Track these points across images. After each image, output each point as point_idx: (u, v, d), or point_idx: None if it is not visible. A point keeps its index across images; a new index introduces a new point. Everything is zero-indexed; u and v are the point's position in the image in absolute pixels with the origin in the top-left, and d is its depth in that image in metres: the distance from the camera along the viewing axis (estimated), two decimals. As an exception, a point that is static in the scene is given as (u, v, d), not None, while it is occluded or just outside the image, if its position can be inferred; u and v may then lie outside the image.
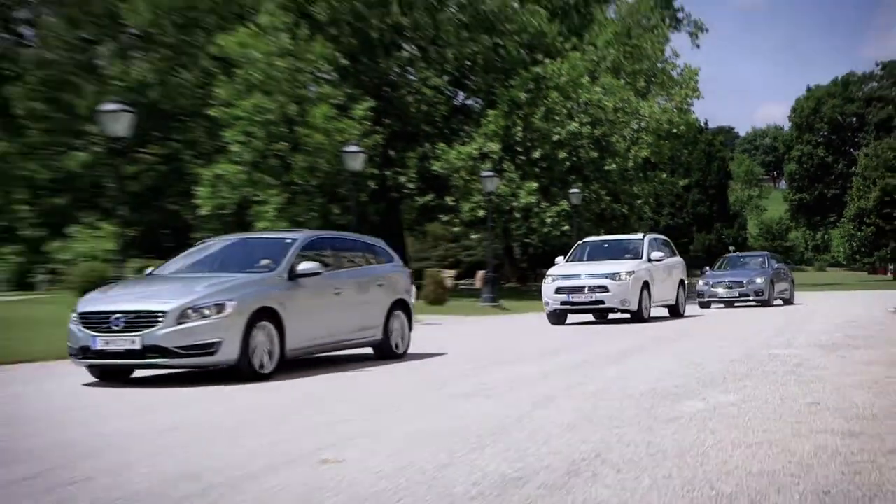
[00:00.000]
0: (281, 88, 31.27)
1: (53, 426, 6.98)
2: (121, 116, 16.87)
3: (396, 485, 4.37)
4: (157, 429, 6.61)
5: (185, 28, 34.25)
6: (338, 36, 34.25)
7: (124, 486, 4.42)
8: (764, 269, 26.29)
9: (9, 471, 4.62)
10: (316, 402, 8.19)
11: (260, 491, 4.26)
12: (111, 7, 33.65)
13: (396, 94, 36.54)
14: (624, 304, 16.86)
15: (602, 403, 7.47)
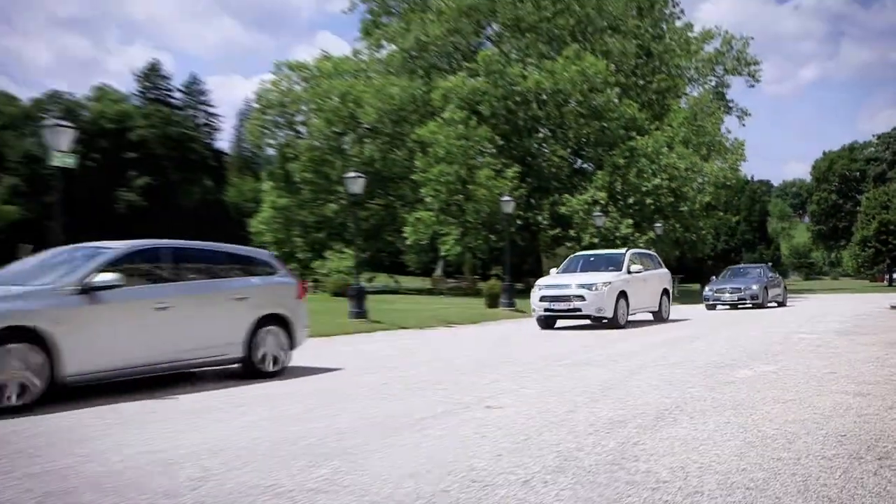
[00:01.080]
0: (458, 160, 39.10)
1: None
2: (357, 181, 22.30)
3: (539, 423, 5.99)
4: (369, 384, 8.95)
5: (398, 123, 43.38)
6: (496, 124, 41.88)
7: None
8: (759, 278, 29.10)
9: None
10: (476, 369, 9.66)
11: (456, 422, 6.02)
12: (352, 111, 43.22)
13: (535, 162, 43.77)
14: (599, 311, 17.44)
15: (678, 371, 9.31)
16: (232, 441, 5.73)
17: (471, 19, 45.70)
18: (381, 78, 45.30)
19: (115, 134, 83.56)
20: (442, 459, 4.99)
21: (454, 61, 46.84)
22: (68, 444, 5.84)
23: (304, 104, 47.10)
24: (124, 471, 4.91)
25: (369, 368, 10.72)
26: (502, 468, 4.72)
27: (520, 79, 41.27)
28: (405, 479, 4.50)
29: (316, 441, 5.66)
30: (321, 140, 45.76)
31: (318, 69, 47.18)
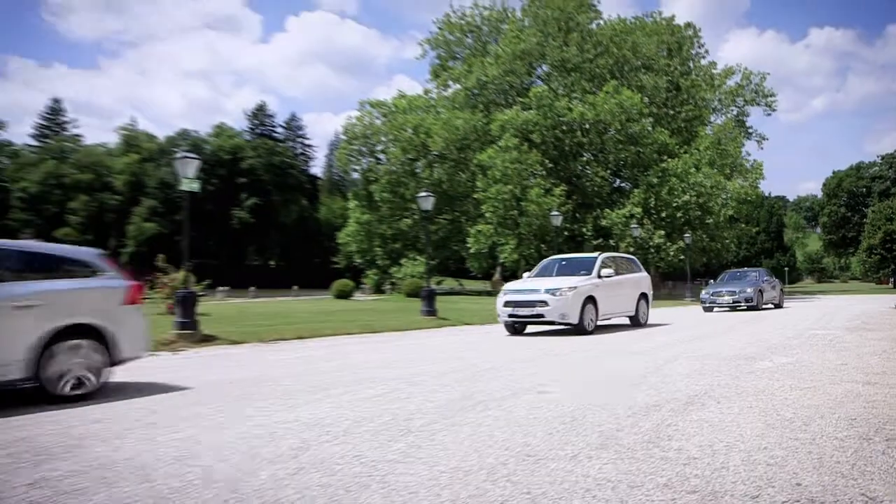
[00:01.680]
0: (512, 181, 39.11)
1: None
2: (428, 199, 22.68)
3: (583, 405, 5.90)
4: (436, 371, 10.35)
5: (462, 150, 43.94)
6: (545, 150, 41.87)
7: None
8: (754, 282, 26.19)
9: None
10: (524, 362, 9.28)
11: (512, 405, 5.98)
12: (423, 141, 43.81)
13: (579, 182, 43.80)
14: (563, 317, 14.44)
15: (708, 362, 9.09)
16: (320, 419, 5.71)
17: (523, 62, 45.88)
18: (447, 112, 45.84)
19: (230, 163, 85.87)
20: (500, 437, 4.95)
21: (509, 97, 46.90)
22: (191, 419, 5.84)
23: (383, 135, 47.76)
24: (237, 441, 4.93)
25: (437, 358, 10.61)
26: (552, 445, 4.69)
27: (566, 111, 41.29)
28: (469, 453, 4.48)
29: (390, 420, 5.63)
30: (397, 165, 46.33)
31: (395, 106, 48.08)
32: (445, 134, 43.10)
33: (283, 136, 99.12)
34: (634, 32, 46.33)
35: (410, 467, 4.15)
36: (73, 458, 4.47)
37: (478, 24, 52.21)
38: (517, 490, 3.68)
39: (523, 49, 44.84)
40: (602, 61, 44.58)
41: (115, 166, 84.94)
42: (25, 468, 4.27)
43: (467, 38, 52.51)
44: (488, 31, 52.20)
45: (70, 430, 5.42)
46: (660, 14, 51.70)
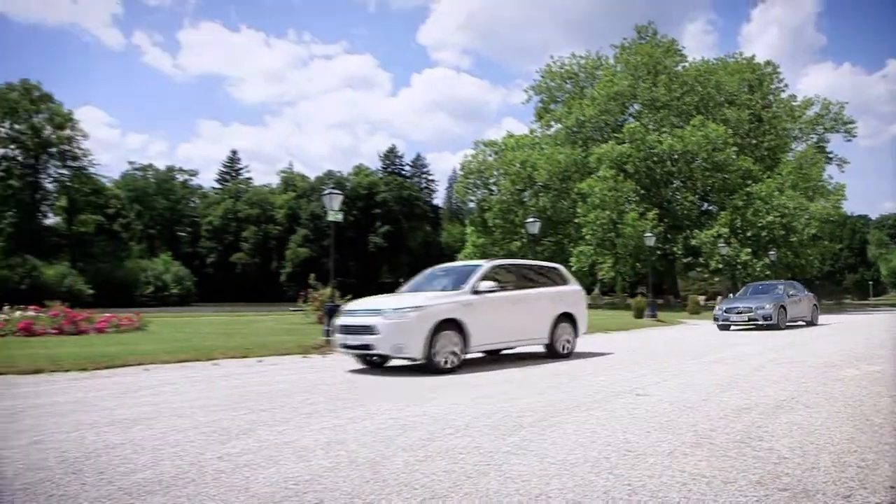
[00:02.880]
0: (609, 206, 38.62)
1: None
2: (535, 224, 23.09)
3: (678, 408, 5.63)
4: (541, 376, 9.59)
5: (563, 180, 43.52)
6: (638, 178, 41.12)
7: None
8: (777, 296, 19.90)
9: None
10: (618, 366, 8.83)
11: (612, 406, 5.68)
12: (529, 174, 43.81)
13: (670, 206, 42.39)
14: (398, 349, 8.66)
15: (794, 369, 8.45)
16: (443, 415, 5.72)
17: (617, 102, 45.15)
18: (550, 148, 45.52)
19: (367, 197, 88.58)
20: (602, 433, 4.81)
21: (605, 133, 46.12)
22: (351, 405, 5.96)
23: (495, 170, 47.81)
24: (377, 431, 4.98)
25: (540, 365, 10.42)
26: (650, 442, 4.51)
27: (657, 144, 40.20)
28: (575, 448, 4.36)
29: (504, 417, 5.56)
30: (507, 195, 46.21)
31: (505, 144, 48.25)
32: (549, 167, 43.03)
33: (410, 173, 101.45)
34: (717, 72, 44.56)
35: (523, 459, 4.09)
36: (247, 440, 4.67)
37: (575, 72, 51.96)
38: (619, 482, 3.57)
39: (616, 91, 44.26)
40: (688, 99, 43.22)
41: (276, 202, 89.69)
42: (213, 445, 4.50)
43: (566, 83, 52.28)
44: (585, 77, 51.77)
45: (243, 416, 5.64)
46: (741, 54, 49.21)
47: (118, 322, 16.49)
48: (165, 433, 4.95)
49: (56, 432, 5.01)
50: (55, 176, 62.96)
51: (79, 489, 3.53)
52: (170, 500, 3.34)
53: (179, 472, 3.83)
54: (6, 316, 15.18)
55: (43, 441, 4.71)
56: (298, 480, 3.65)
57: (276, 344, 12.82)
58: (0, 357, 9.68)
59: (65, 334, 14.53)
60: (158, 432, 4.99)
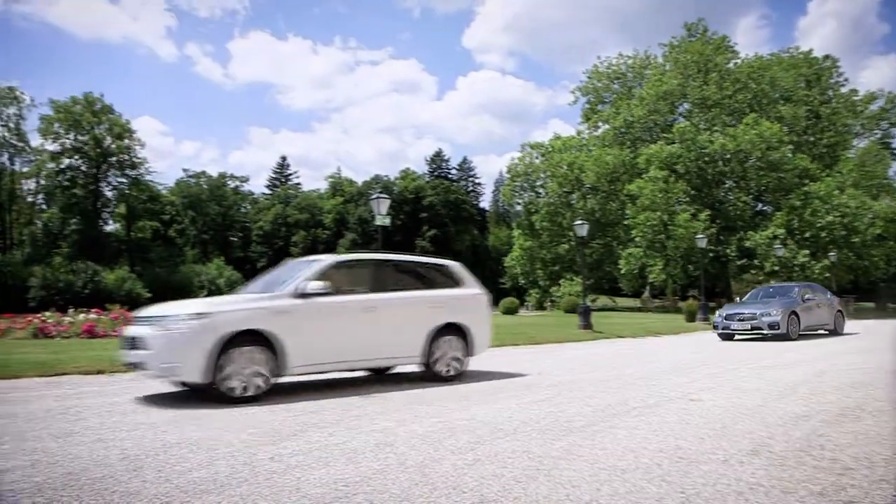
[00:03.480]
0: (659, 208, 38.10)
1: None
2: (583, 227, 22.56)
3: (734, 414, 5.49)
4: (593, 380, 11.22)
5: (612, 182, 43.26)
6: (689, 179, 40.23)
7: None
8: (787, 301, 16.58)
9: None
10: (676, 370, 8.68)
11: (664, 411, 5.57)
12: (577, 176, 43.47)
13: (723, 207, 41.21)
14: (168, 370, 6.46)
15: (857, 376, 8.08)
16: (492, 419, 5.68)
17: (666, 102, 44.42)
18: (597, 150, 45.16)
19: (414, 201, 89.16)
20: (654, 439, 4.71)
21: (654, 133, 45.44)
22: (381, 415, 5.99)
23: (542, 172, 47.60)
24: (426, 434, 4.97)
25: (592, 367, 10.27)
26: (704, 449, 4.39)
27: (708, 143, 39.23)
28: (626, 454, 4.28)
29: (553, 421, 5.50)
30: (554, 198, 45.99)
31: (552, 146, 48.03)
32: (597, 169, 42.86)
33: (456, 177, 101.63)
34: (772, 68, 43.36)
35: (573, 464, 4.04)
36: (298, 441, 4.73)
37: (623, 72, 51.55)
38: (672, 489, 3.49)
39: (666, 90, 43.60)
40: (741, 96, 42.00)
41: (325, 207, 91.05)
42: (265, 446, 4.58)
43: (614, 84, 51.89)
44: (633, 76, 51.28)
45: (293, 417, 5.73)
46: (797, 49, 47.73)
47: (174, 325, 16.89)
48: (220, 433, 5.06)
49: (117, 431, 5.18)
50: (115, 184, 65.35)
51: (140, 486, 3.65)
52: (225, 499, 3.41)
53: (233, 472, 3.90)
54: (71, 319, 15.81)
55: (105, 439, 4.87)
56: (348, 482, 3.68)
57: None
58: (65, 358, 10.07)
59: (124, 337, 14.94)
60: (213, 432, 5.10)
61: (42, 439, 4.89)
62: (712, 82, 42.04)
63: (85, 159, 62.25)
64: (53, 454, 4.41)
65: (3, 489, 3.53)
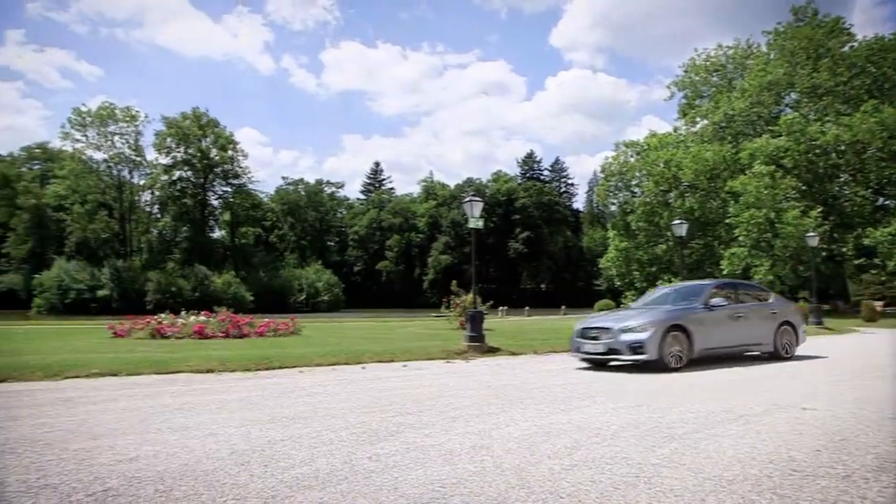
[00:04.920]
0: (765, 205, 36.04)
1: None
2: (682, 226, 21.99)
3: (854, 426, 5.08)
4: (695, 385, 8.85)
5: (711, 179, 41.56)
6: (798, 174, 37.98)
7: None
8: (671, 311, 10.60)
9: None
10: (786, 375, 8.34)
11: (774, 420, 5.30)
12: (674, 174, 42.07)
13: (837, 203, 38.97)
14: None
15: None
16: (589, 423, 5.59)
17: (771, 92, 42.15)
18: (696, 146, 43.69)
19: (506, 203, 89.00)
20: (763, 450, 4.47)
21: (758, 127, 43.17)
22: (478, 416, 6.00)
23: (637, 171, 46.63)
24: (522, 437, 4.95)
25: (693, 371, 9.83)
26: (821, 462, 4.11)
27: (819, 135, 36.98)
28: (732, 463, 4.10)
29: (653, 427, 5.34)
30: (651, 197, 44.91)
31: (647, 144, 47.08)
32: (695, 166, 41.45)
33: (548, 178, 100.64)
34: (894, 49, 39.92)
35: (675, 472, 3.91)
36: (395, 441, 4.83)
37: (722, 63, 49.45)
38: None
39: (770, 80, 41.42)
40: (858, 82, 39.42)
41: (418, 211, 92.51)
42: (363, 445, 4.72)
43: (713, 77, 49.92)
44: (733, 68, 49.06)
45: (391, 418, 5.84)
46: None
47: (276, 327, 17.75)
48: (320, 432, 5.24)
49: (226, 427, 5.47)
50: (220, 193, 69.35)
51: (247, 479, 3.84)
52: (326, 495, 3.53)
53: (333, 470, 4.04)
54: (183, 320, 16.85)
55: (216, 434, 5.16)
56: (445, 483, 3.73)
57: (421, 349, 13.19)
58: (179, 357, 10.75)
59: (230, 337, 15.85)
60: (314, 431, 5.29)
61: (162, 432, 5.24)
62: (824, 69, 39.68)
63: (193, 170, 66.47)
64: (172, 446, 4.72)
65: (4, 490, 3.60)
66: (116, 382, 8.52)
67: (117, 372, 9.27)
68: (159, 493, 3.59)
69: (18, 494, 3.58)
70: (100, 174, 62.55)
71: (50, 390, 7.74)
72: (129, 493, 3.57)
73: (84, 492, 3.61)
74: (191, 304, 35.08)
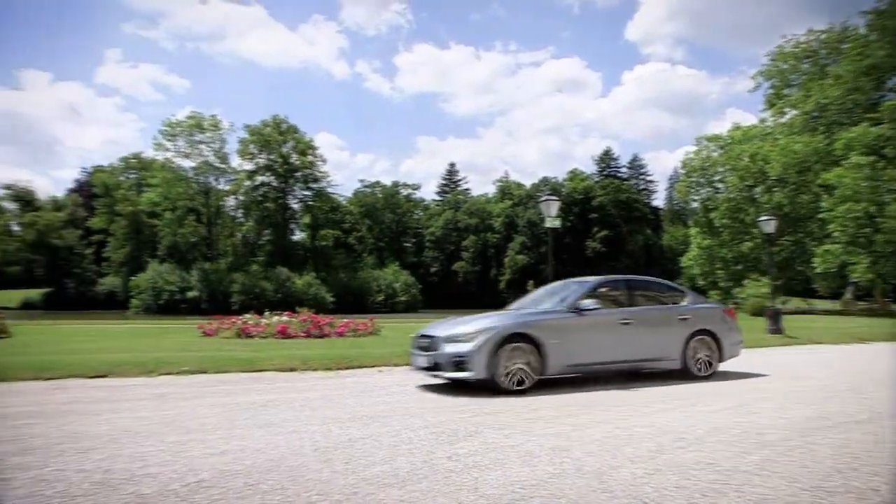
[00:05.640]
0: (865, 198, 33.97)
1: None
2: (770, 223, 21.06)
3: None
4: (786, 389, 10.22)
5: (801, 172, 39.45)
6: None
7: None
8: (511, 316, 8.26)
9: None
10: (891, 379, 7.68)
11: (876, 428, 5.22)
12: (761, 167, 40.27)
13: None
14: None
15: None
16: (674, 426, 5.42)
17: (870, 77, 39.46)
18: (784, 138, 41.32)
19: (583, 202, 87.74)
20: (867, 460, 4.23)
21: (855, 115, 40.17)
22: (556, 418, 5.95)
23: (720, 166, 45.06)
24: (603, 440, 4.86)
25: (786, 375, 9.40)
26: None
27: (929, 119, 34.14)
28: (832, 474, 3.90)
29: (742, 432, 5.14)
30: (735, 192, 43.13)
31: (731, 138, 45.24)
32: (784, 159, 39.30)
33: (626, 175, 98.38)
34: None
35: (767, 480, 3.75)
36: (474, 441, 4.85)
37: (814, 49, 46.31)
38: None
39: (870, 64, 38.78)
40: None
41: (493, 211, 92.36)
42: (442, 445, 4.77)
43: (803, 64, 46.81)
44: (826, 53, 45.84)
45: (469, 418, 5.86)
46: None
47: (356, 327, 18.12)
48: (399, 431, 5.33)
49: (309, 424, 5.64)
50: (300, 197, 71.56)
51: (330, 476, 3.96)
52: (406, 493, 3.59)
53: (413, 469, 4.10)
54: (267, 321, 17.47)
55: (299, 431, 5.34)
56: (524, 484, 3.71)
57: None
58: (263, 356, 11.13)
59: (312, 337, 16.28)
60: (393, 429, 5.39)
61: (248, 428, 5.47)
62: (934, 47, 36.72)
63: (275, 176, 68.89)
64: (258, 441, 4.92)
65: (4, 489, 3.70)
66: (205, 379, 8.93)
67: (206, 369, 9.73)
68: (248, 486, 3.74)
69: (123, 481, 3.82)
70: (188, 181, 65.76)
71: (146, 386, 8.20)
72: (220, 486, 3.74)
73: (180, 482, 3.81)
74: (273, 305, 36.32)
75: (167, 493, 3.61)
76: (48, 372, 8.94)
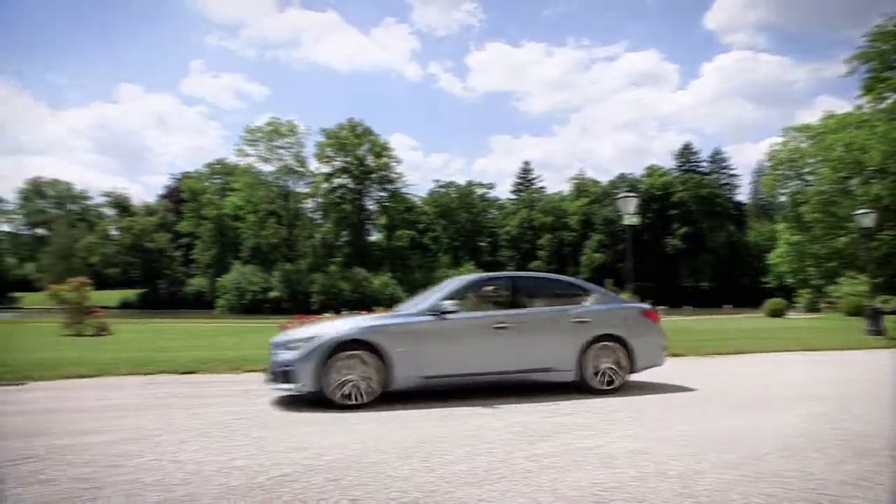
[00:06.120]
0: None
1: None
2: (869, 216, 19.55)
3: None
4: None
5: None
6: None
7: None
8: (352, 320, 7.48)
9: None
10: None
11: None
12: (857, 157, 38.33)
13: None
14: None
15: None
16: (762, 429, 5.17)
17: None
18: (884, 125, 38.49)
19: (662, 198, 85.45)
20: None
21: (968, 95, 37.47)
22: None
23: (810, 157, 42.90)
24: (686, 444, 4.74)
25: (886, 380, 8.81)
26: None
27: None
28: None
29: (839, 441, 4.85)
30: (827, 185, 40.89)
31: (823, 127, 42.74)
32: (884, 147, 36.78)
33: (707, 170, 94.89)
34: None
35: (867, 493, 3.54)
36: (552, 442, 4.83)
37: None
38: None
39: None
40: None
41: (569, 209, 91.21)
42: (521, 445, 4.76)
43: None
44: (936, 27, 42.69)
45: (548, 419, 5.82)
46: None
47: (431, 326, 18.24)
48: (478, 430, 5.34)
49: (388, 423, 5.76)
50: (376, 198, 72.96)
51: (409, 473, 4.03)
52: (484, 493, 3.60)
53: (491, 468, 4.10)
54: (345, 320, 17.88)
55: (379, 429, 5.45)
56: (604, 487, 3.65)
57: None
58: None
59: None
60: (472, 428, 5.41)
61: (329, 424, 5.62)
62: None
63: (351, 177, 70.55)
64: (339, 437, 5.05)
65: (4, 488, 3.70)
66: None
67: (289, 367, 10.04)
68: (329, 481, 3.85)
69: (213, 473, 4.01)
70: (269, 185, 68.28)
71: (232, 382, 8.56)
72: (303, 480, 3.87)
73: (265, 475, 3.96)
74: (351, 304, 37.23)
75: (253, 486, 3.76)
76: (144, 368, 9.48)
